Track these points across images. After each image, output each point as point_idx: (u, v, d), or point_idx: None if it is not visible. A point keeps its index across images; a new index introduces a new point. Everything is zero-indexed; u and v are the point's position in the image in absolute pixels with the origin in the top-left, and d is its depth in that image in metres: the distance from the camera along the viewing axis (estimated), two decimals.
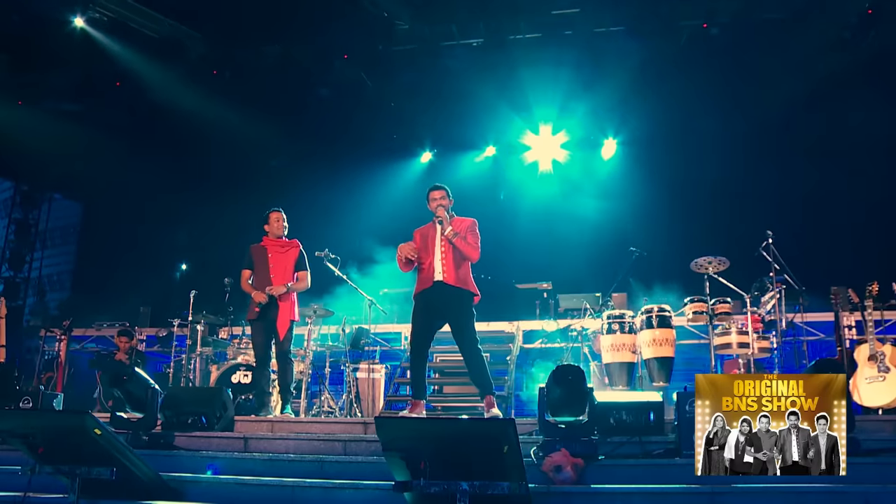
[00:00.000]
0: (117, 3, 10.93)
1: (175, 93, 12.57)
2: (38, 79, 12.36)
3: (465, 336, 6.46)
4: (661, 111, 12.53)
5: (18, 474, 4.81)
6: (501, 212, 12.62)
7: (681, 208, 11.36)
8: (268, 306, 7.04)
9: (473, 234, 6.59)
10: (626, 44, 11.69)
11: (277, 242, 7.24)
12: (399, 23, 11.90)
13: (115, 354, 9.11)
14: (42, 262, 14.78)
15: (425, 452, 3.93)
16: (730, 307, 7.60)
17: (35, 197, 14.45)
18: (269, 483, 5.02)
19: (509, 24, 11.75)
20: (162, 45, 11.83)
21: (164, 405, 6.25)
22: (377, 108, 13.56)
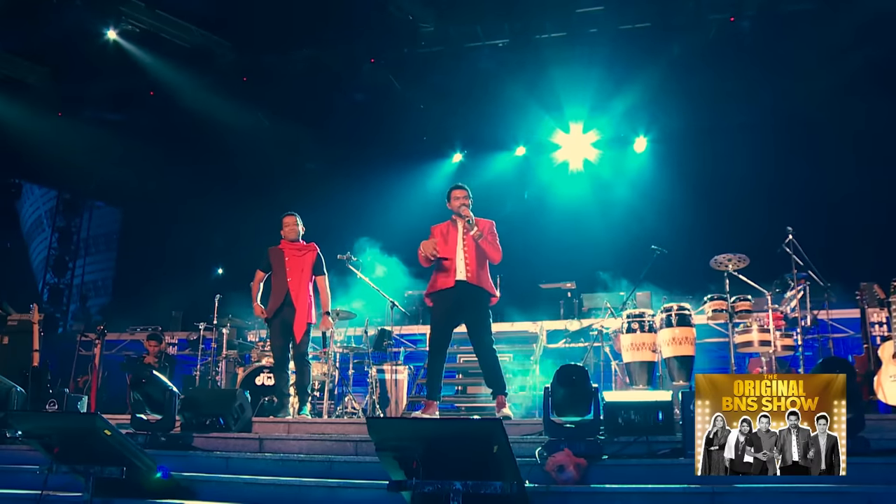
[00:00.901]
0: (148, 14, 11.19)
1: (207, 100, 12.86)
2: (77, 90, 12.77)
3: (483, 336, 6.50)
4: (691, 107, 12.42)
5: (37, 473, 4.98)
6: (528, 212, 12.59)
7: (707, 206, 11.24)
8: (284, 307, 7.13)
9: (494, 235, 6.63)
10: (653, 40, 11.61)
11: (294, 245, 7.34)
12: (424, 25, 11.95)
13: (144, 358, 9.34)
14: (84, 268, 15.20)
15: (417, 452, 3.97)
16: (750, 305, 7.48)
17: (77, 205, 14.89)
18: (276, 483, 5.11)
19: (534, 24, 11.72)
20: (192, 54, 12.08)
21: (184, 407, 6.39)
22: (406, 111, 13.66)
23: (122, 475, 4.73)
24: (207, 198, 13.88)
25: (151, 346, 9.35)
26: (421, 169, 14.45)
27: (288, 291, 7.19)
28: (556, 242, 11.56)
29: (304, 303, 7.19)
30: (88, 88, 12.76)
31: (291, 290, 7.18)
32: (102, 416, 4.74)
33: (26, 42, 11.96)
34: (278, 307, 7.19)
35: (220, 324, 9.09)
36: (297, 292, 7.19)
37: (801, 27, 10.77)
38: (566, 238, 11.63)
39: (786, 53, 10.95)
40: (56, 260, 14.43)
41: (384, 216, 13.37)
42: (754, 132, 11.56)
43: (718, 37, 11.50)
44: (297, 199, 13.41)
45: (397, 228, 12.61)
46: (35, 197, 17.47)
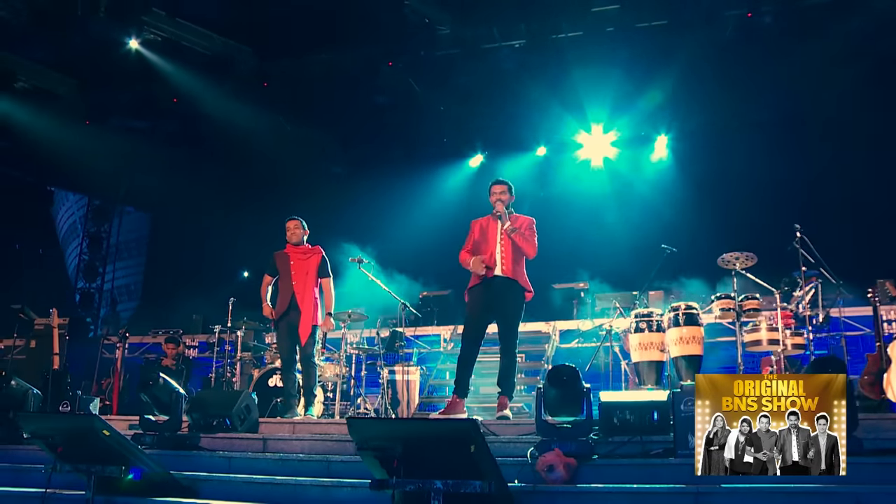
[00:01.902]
0: (169, 23, 11.41)
1: (229, 106, 13.09)
2: (103, 99, 13.06)
3: (510, 335, 6.52)
4: (709, 105, 12.36)
5: (42, 472, 5.14)
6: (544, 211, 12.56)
7: (724, 204, 11.14)
8: (290, 311, 7.25)
9: (531, 231, 6.65)
10: (670, 38, 11.52)
11: (299, 249, 7.45)
12: (440, 28, 12.00)
13: (161, 360, 9.54)
14: (114, 273, 15.53)
15: (397, 452, 4.02)
16: (758, 303, 7.40)
17: (106, 210, 15.22)
18: (273, 482, 5.22)
19: (550, 24, 11.70)
20: (214, 61, 12.26)
21: (192, 408, 6.54)
22: (426, 113, 13.74)
23: (120, 474, 4.87)
24: (232, 202, 14.14)
25: (169, 348, 9.55)
26: (442, 170, 14.53)
27: (293, 294, 7.31)
28: (571, 242, 11.51)
29: (309, 305, 7.29)
30: (114, 97, 13.05)
31: (296, 293, 7.30)
32: (101, 417, 4.88)
33: (55, 54, 12.30)
34: (284, 310, 7.31)
35: (234, 327, 9.24)
36: (302, 295, 7.30)
37: (818, 22, 10.62)
38: (581, 237, 11.60)
39: (802, 49, 10.79)
40: (87, 265, 14.78)
41: (406, 217, 13.50)
42: (772, 129, 11.46)
43: (736, 33, 11.38)
44: (319, 201, 13.62)
45: (419, 229, 12.78)
46: (70, 203, 17.90)
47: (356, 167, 14.39)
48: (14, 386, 6.89)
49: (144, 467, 5.10)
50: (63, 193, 17.40)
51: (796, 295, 7.44)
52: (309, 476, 5.30)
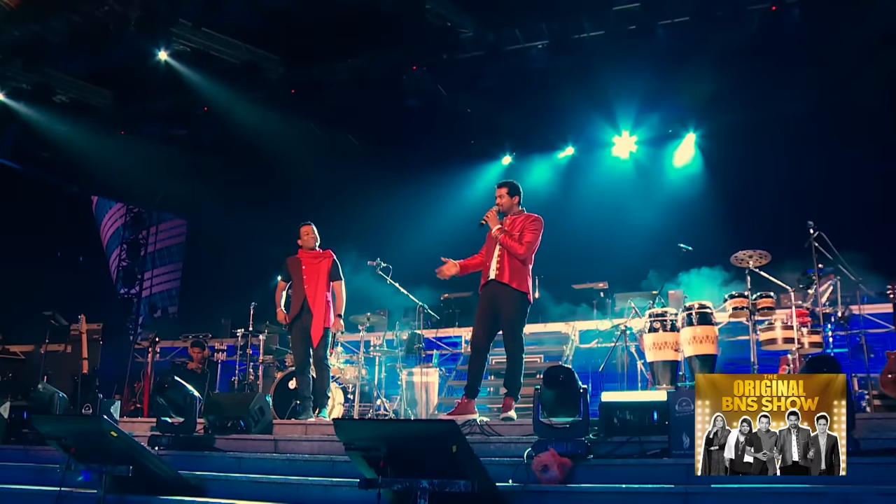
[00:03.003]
0: (197, 33, 11.67)
1: (258, 113, 13.37)
2: (137, 109, 13.43)
3: (511, 338, 6.50)
4: (737, 101, 12.17)
5: (57, 471, 5.36)
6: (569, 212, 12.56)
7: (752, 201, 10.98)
8: (303, 314, 7.38)
9: (530, 231, 6.55)
10: (693, 34, 11.42)
11: (311, 254, 7.59)
12: (463, 31, 12.06)
13: (187, 364, 9.78)
14: (152, 279, 15.92)
15: (382, 452, 4.11)
16: (772, 302, 7.31)
17: (144, 217, 15.61)
18: (277, 481, 5.36)
19: (571, 25, 11.67)
20: (242, 70, 12.49)
21: (208, 410, 6.73)
22: (453, 115, 13.80)
23: (128, 473, 5.04)
24: (264, 206, 14.37)
25: (195, 352, 9.79)
26: (470, 172, 14.59)
27: (305, 298, 7.44)
28: (593, 242, 11.48)
29: (321, 308, 7.41)
30: (147, 107, 13.41)
31: (308, 297, 7.43)
32: (108, 419, 5.06)
33: (90, 68, 12.68)
34: (297, 314, 7.45)
35: (257, 330, 9.44)
36: (314, 299, 7.42)
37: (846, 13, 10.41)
38: (604, 237, 11.55)
39: (831, 42, 10.58)
40: (125, 271, 15.19)
41: (436, 219, 13.59)
42: (799, 124, 11.24)
43: (762, 28, 11.23)
44: (348, 205, 13.85)
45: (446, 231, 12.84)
46: (113, 210, 18.39)
47: (386, 170, 14.50)
48: (41, 390, 7.17)
49: (154, 467, 5.28)
50: (105, 202, 17.90)
51: (811, 293, 7.33)
52: (314, 476, 5.42)
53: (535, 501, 4.61)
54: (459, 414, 6.42)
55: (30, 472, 6.33)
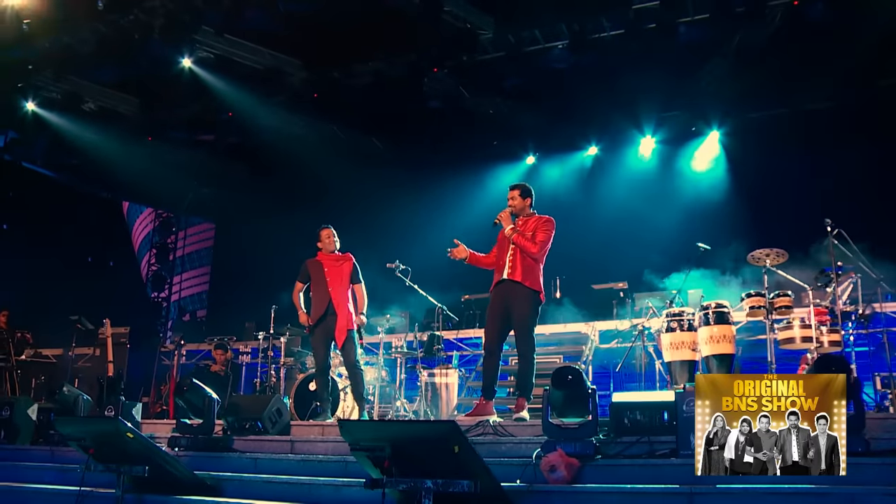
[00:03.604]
0: (219, 40, 11.84)
1: (281, 117, 13.56)
2: (163, 115, 13.64)
3: (523, 338, 6.53)
4: (761, 98, 12.08)
5: (77, 471, 5.50)
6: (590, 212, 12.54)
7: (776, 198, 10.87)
8: (327, 316, 7.44)
9: (542, 231, 6.60)
10: (714, 32, 11.33)
11: (331, 257, 7.66)
12: (482, 32, 12.08)
13: (210, 367, 9.93)
14: (181, 283, 16.17)
15: (386, 452, 4.17)
16: (790, 300, 7.23)
17: (172, 222, 15.86)
18: (289, 481, 5.46)
19: (591, 24, 11.64)
20: (265, 75, 12.63)
21: (227, 412, 6.85)
22: (475, 117, 13.83)
23: (144, 473, 5.16)
24: (289, 209, 14.56)
25: (218, 355, 9.94)
26: (494, 173, 14.61)
27: (330, 301, 7.48)
28: (613, 241, 11.43)
29: (345, 310, 7.48)
30: (173, 113, 13.61)
31: (333, 300, 7.48)
32: (123, 420, 5.18)
33: (117, 75, 12.91)
34: (321, 316, 7.49)
35: (278, 333, 9.56)
36: (339, 301, 7.48)
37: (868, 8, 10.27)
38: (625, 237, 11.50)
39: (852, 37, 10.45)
40: (155, 275, 15.44)
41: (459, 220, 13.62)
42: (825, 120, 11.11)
43: (785, 23, 11.10)
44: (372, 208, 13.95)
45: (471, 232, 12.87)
46: (143, 215, 18.71)
47: (407, 173, 14.59)
48: (66, 392, 7.35)
49: (170, 468, 5.39)
50: (136, 207, 18.22)
51: (829, 291, 7.24)
52: (328, 476, 5.51)
53: (541, 501, 4.64)
54: (478, 415, 6.46)
55: (54, 472, 6.50)
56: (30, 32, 11.35)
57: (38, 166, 14.87)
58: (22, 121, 13.15)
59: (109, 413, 7.20)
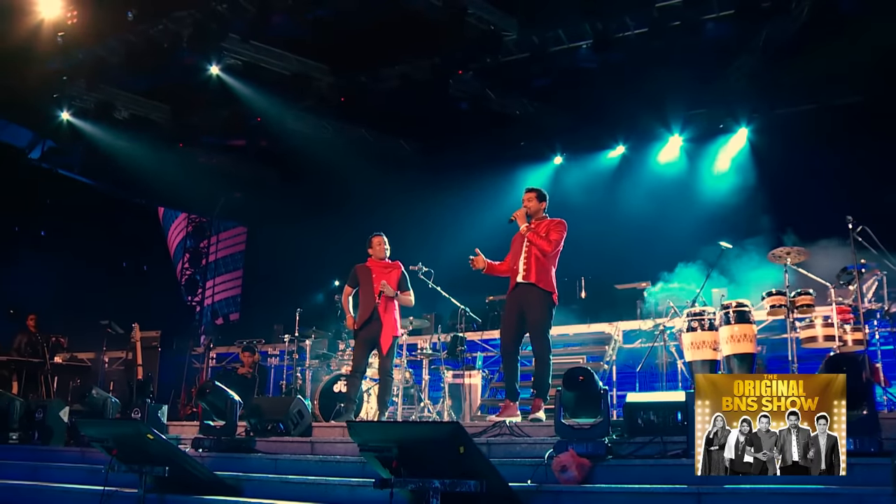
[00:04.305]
0: (246, 47, 12.03)
1: (310, 122, 13.75)
2: (194, 122, 13.91)
3: (537, 339, 6.58)
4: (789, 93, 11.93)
5: (102, 471, 5.65)
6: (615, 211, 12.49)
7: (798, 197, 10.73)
8: (372, 321, 7.46)
9: (555, 231, 6.73)
10: (741, 28, 11.23)
11: (380, 263, 7.69)
12: (506, 34, 12.10)
13: (237, 369, 10.09)
14: (214, 287, 16.43)
15: (394, 453, 4.23)
16: (811, 299, 7.14)
17: (205, 227, 16.13)
18: (306, 482, 5.57)
19: (614, 23, 11.61)
20: (292, 80, 12.80)
21: (250, 414, 6.98)
22: (503, 118, 13.87)
23: (164, 473, 5.29)
24: (318, 213, 14.74)
25: (245, 357, 10.09)
26: (521, 173, 14.61)
27: (376, 306, 7.50)
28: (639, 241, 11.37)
29: (391, 317, 7.50)
30: (203, 120, 13.86)
31: (379, 305, 7.50)
32: (145, 422, 5.32)
33: (147, 84, 13.20)
34: (366, 320, 7.51)
35: (303, 335, 9.68)
36: (385, 307, 7.51)
37: None
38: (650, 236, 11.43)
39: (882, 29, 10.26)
40: (189, 279, 15.71)
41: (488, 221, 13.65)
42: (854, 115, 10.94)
43: (814, 18, 10.96)
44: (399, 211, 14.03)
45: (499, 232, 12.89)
46: (178, 220, 19.03)
47: (435, 175, 14.66)
48: (95, 395, 7.53)
49: (190, 468, 5.52)
50: (171, 212, 18.56)
51: (852, 289, 7.13)
52: (345, 476, 5.59)
53: (550, 501, 4.67)
54: (504, 416, 6.52)
55: (84, 472, 6.66)
56: (64, 45, 11.64)
57: (75, 174, 15.25)
58: (57, 130, 13.52)
59: (136, 415, 7.37)
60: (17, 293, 12.58)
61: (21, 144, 14.60)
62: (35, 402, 8.29)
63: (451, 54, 12.45)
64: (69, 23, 11.35)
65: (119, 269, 15.68)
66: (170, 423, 8.04)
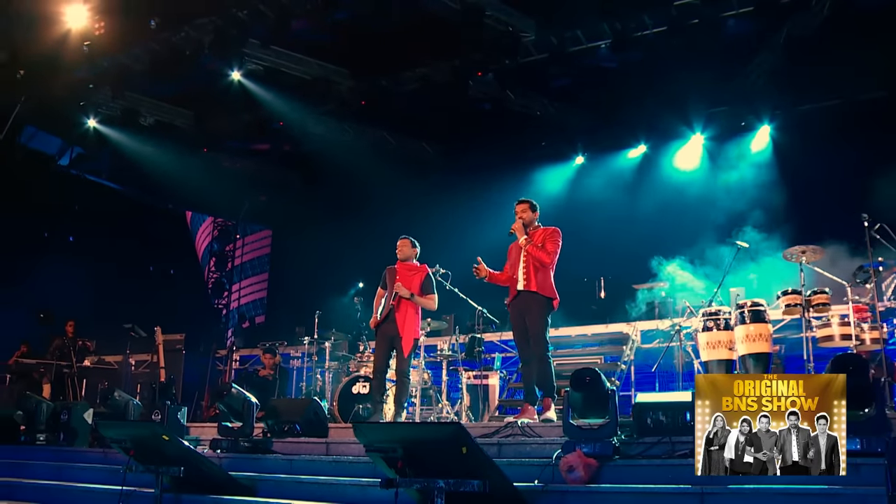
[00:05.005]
0: (267, 52, 12.18)
1: (331, 125, 13.88)
2: (217, 127, 14.11)
3: (538, 340, 6.71)
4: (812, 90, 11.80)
5: (118, 471, 5.79)
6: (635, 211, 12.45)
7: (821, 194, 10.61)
8: (388, 322, 7.51)
9: (551, 242, 6.89)
10: (761, 24, 11.14)
11: (406, 266, 7.74)
12: (525, 35, 12.12)
13: (258, 371, 10.23)
14: (240, 290, 16.62)
15: (399, 453, 4.29)
16: (827, 298, 7.08)
17: (230, 230, 16.34)
18: (319, 482, 5.65)
19: (633, 22, 11.57)
20: (313, 84, 12.94)
21: (267, 415, 7.08)
22: (524, 119, 13.87)
23: (180, 474, 5.40)
24: (341, 216, 14.87)
25: (267, 359, 10.23)
26: (543, 173, 14.63)
27: (392, 308, 7.55)
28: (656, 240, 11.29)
29: (408, 319, 7.50)
30: (226, 125, 14.06)
31: (396, 307, 7.53)
32: (164, 424, 5.44)
33: (171, 90, 13.43)
34: (382, 321, 7.58)
35: (322, 338, 9.78)
36: (401, 309, 7.51)
37: None
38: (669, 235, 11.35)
39: None
40: (215, 283, 15.92)
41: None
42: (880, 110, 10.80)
43: (835, 13, 10.83)
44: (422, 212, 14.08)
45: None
46: (206, 224, 19.27)
47: (457, 177, 14.71)
48: (117, 398, 7.69)
49: (205, 468, 5.63)
50: (199, 216, 18.80)
51: (869, 287, 7.06)
52: (358, 476, 5.66)
53: (556, 501, 4.70)
54: (522, 417, 6.58)
55: (106, 472, 6.80)
56: (90, 53, 11.88)
57: (104, 179, 15.52)
58: (84, 137, 13.81)
59: (156, 417, 7.51)
60: (47, 298, 12.85)
61: (51, 152, 14.89)
62: (61, 404, 8.48)
63: (469, 56, 12.50)
64: (96, 33, 11.59)
65: (146, 272, 15.91)
66: (190, 424, 8.19)
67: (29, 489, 6.97)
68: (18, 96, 12.89)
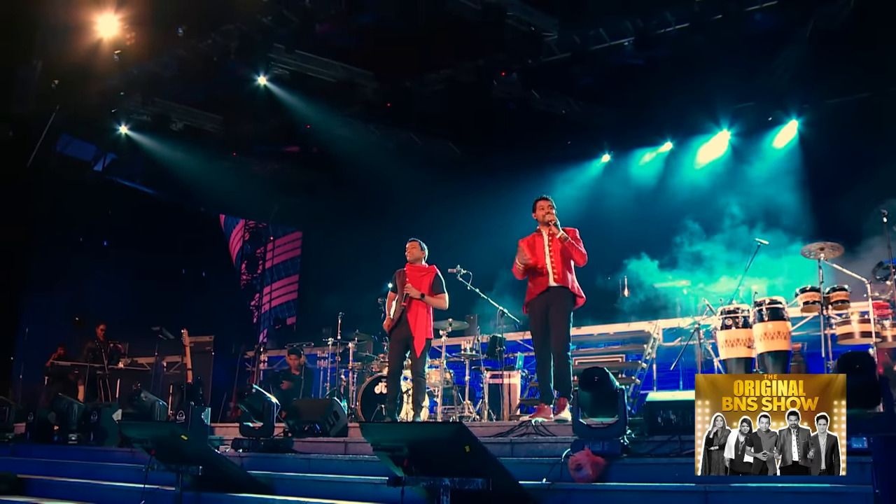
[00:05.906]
0: (292, 56, 12.35)
1: (357, 128, 14.04)
2: (245, 131, 14.35)
3: (560, 332, 6.69)
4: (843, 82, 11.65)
5: (143, 470, 5.96)
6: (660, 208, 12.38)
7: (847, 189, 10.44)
8: (400, 324, 7.61)
9: (578, 241, 6.90)
10: (786, 18, 11.02)
11: (416, 267, 7.85)
12: (547, 34, 12.13)
13: (286, 372, 10.39)
14: (271, 292, 16.84)
15: (405, 452, 4.37)
16: (846, 295, 7.00)
17: (261, 233, 16.58)
18: (333, 480, 5.76)
19: (655, 19, 11.51)
20: (338, 87, 13.09)
21: (289, 415, 7.22)
22: (549, 118, 13.87)
23: (198, 472, 5.55)
24: (368, 217, 15.00)
25: (292, 360, 10.38)
26: (570, 172, 14.60)
27: (404, 309, 7.66)
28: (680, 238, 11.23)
29: (420, 319, 7.59)
30: (254, 129, 14.28)
31: (407, 309, 7.64)
32: (188, 425, 5.60)
33: (199, 95, 13.68)
34: (395, 323, 7.69)
35: (346, 338, 9.91)
36: (412, 310, 7.61)
37: None
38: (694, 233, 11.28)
39: None
40: (247, 284, 16.17)
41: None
42: None
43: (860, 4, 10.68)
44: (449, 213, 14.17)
45: None
46: (238, 227, 19.56)
47: (483, 177, 14.76)
48: (143, 399, 7.89)
49: (223, 467, 5.77)
50: (232, 219, 19.10)
51: (889, 284, 6.97)
52: (373, 475, 5.74)
53: (562, 499, 4.74)
54: (539, 417, 6.62)
55: (132, 471, 6.97)
56: (120, 62, 12.18)
57: (137, 184, 15.86)
58: (117, 143, 14.13)
59: (180, 418, 7.68)
60: (83, 302, 13.18)
61: (87, 158, 15.25)
62: (92, 405, 8.72)
63: (493, 56, 12.55)
64: (127, 43, 11.87)
65: (179, 275, 16.20)
66: (215, 424, 8.36)
67: (61, 487, 7.20)
68: (54, 105, 13.26)
